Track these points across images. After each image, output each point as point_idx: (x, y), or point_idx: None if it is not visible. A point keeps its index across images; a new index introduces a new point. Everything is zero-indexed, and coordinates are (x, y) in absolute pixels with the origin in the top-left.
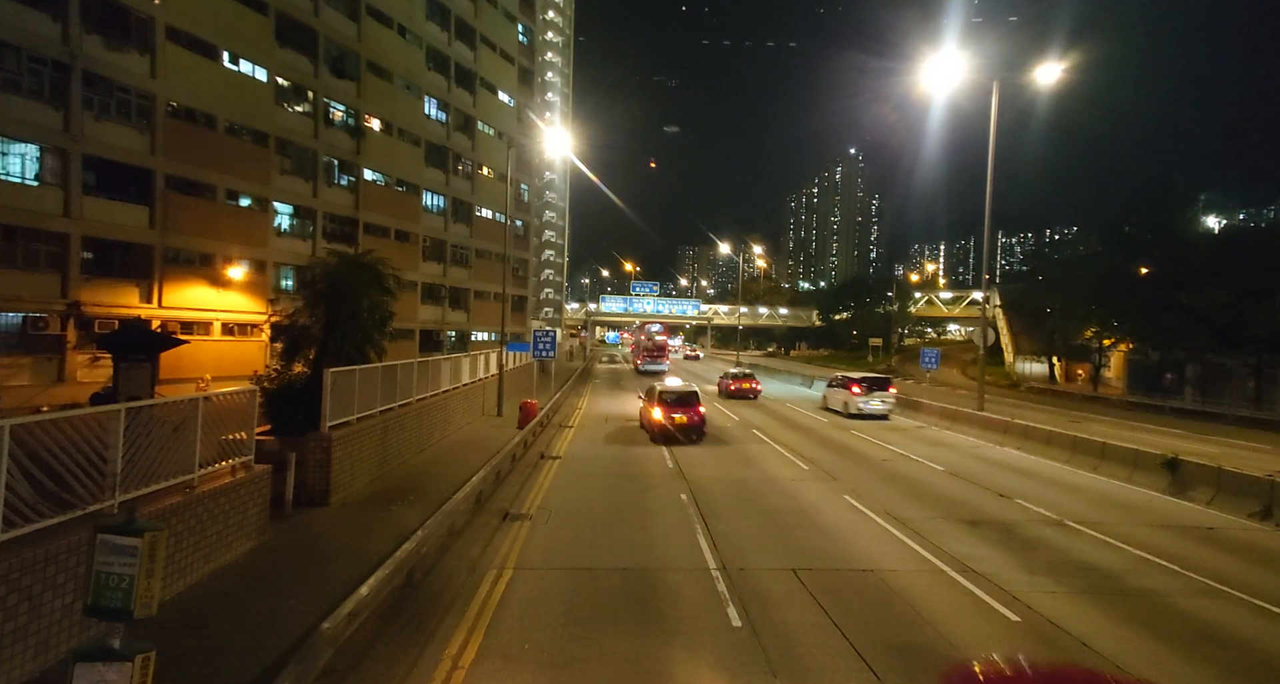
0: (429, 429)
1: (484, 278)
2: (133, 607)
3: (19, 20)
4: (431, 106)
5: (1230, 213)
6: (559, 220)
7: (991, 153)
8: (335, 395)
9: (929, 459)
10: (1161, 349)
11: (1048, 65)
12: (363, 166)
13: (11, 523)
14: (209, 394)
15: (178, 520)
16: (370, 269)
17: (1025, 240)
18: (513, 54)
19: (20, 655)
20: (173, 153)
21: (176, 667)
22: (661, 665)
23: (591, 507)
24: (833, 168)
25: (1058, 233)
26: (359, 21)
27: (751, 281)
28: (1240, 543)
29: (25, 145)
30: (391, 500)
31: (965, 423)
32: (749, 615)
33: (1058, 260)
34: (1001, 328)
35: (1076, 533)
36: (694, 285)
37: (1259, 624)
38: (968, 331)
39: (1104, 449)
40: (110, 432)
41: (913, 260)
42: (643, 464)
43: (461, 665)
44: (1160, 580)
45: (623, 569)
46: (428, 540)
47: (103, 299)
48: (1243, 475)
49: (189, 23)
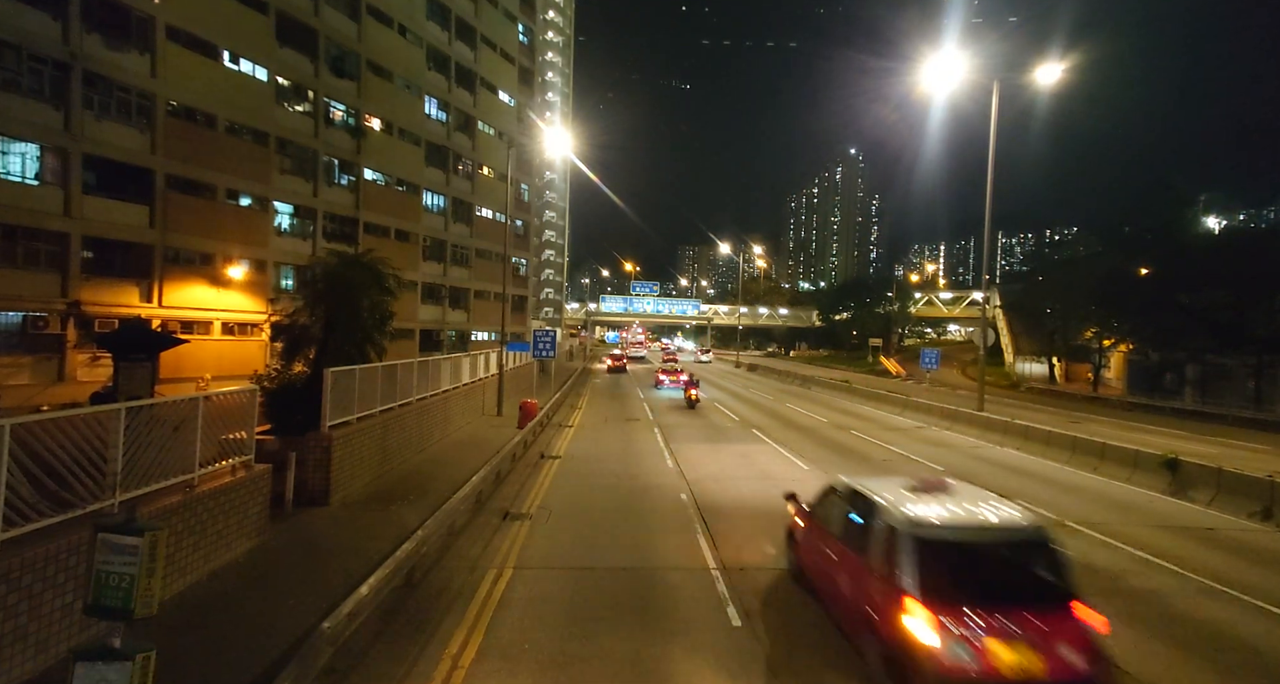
0: (429, 429)
1: (484, 277)
2: (133, 606)
3: (19, 19)
4: (432, 106)
5: (1230, 213)
6: (559, 220)
7: (992, 153)
8: (335, 395)
9: (929, 459)
10: (1161, 349)
11: (1048, 65)
12: (363, 166)
13: (12, 522)
14: (209, 393)
15: (178, 520)
16: (370, 269)
17: (1025, 241)
18: (513, 54)
19: (20, 655)
20: (173, 152)
21: (176, 666)
22: (661, 665)
23: (591, 506)
24: (833, 168)
25: (1058, 233)
26: (359, 21)
27: (751, 281)
28: (1240, 543)
29: (25, 145)
30: (391, 500)
31: (965, 423)
32: (749, 615)
33: (1058, 261)
34: (1001, 328)
35: (1077, 533)
36: (694, 285)
37: (1259, 624)
38: (968, 332)
39: (1104, 449)
40: (110, 431)
41: (913, 260)
42: (643, 463)
43: (461, 665)
44: (1160, 581)
45: (623, 569)
46: (428, 540)
47: (103, 298)
48: (1243, 476)
49: (189, 22)
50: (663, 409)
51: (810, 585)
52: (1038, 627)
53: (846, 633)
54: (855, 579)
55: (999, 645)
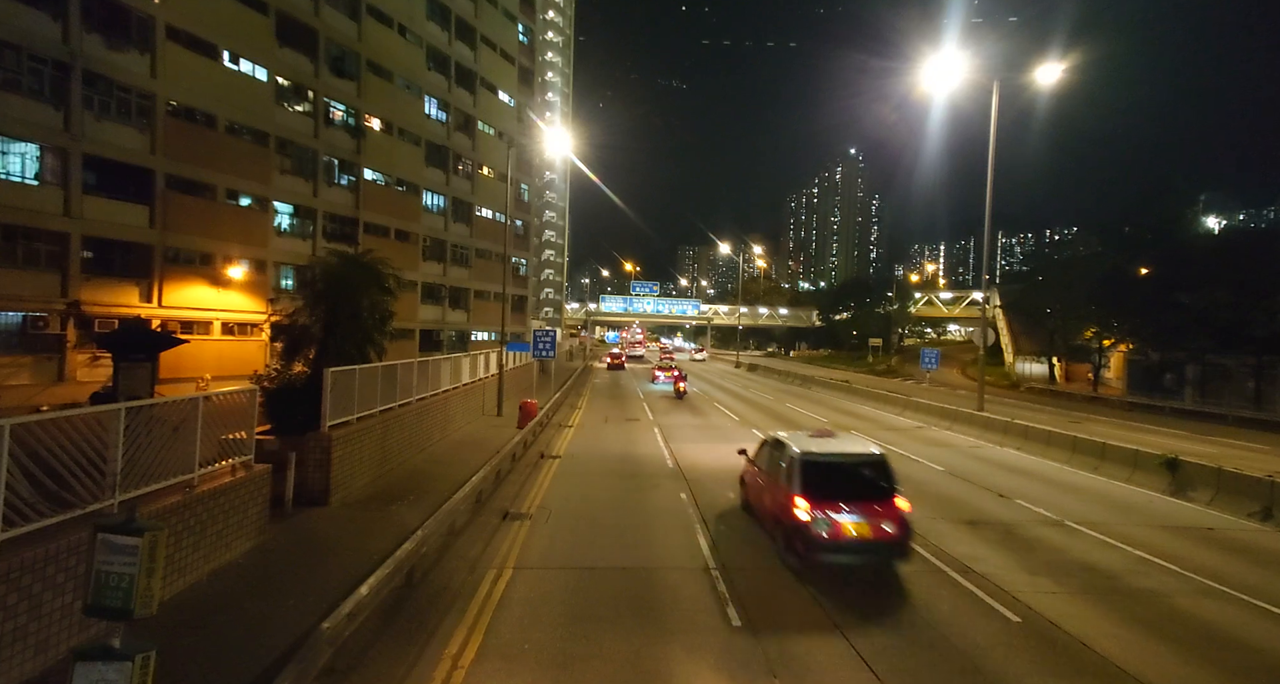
0: (429, 429)
1: (484, 277)
2: (133, 606)
3: (19, 19)
4: (432, 106)
5: (1230, 213)
6: (559, 220)
7: (992, 153)
8: (335, 395)
9: (929, 459)
10: (1161, 349)
11: (1048, 66)
12: (363, 166)
13: (11, 522)
14: (209, 393)
15: (178, 520)
16: (370, 269)
17: (1025, 241)
18: (513, 54)
19: (20, 655)
20: (173, 152)
21: (176, 666)
22: (661, 665)
23: (591, 506)
24: (833, 168)
25: (1058, 233)
26: (359, 21)
27: (751, 282)
28: (1240, 543)
29: (25, 145)
30: (391, 500)
31: (965, 423)
32: (749, 615)
33: (1057, 261)
34: (1001, 328)
35: (1077, 533)
36: (694, 285)
37: (1259, 624)
38: (968, 332)
39: (1104, 449)
40: (110, 431)
41: (913, 261)
42: (642, 463)
43: (461, 665)
44: (1160, 581)
45: (623, 568)
46: (428, 540)
47: (103, 298)
48: (1243, 476)
49: (189, 22)
50: (662, 409)
51: (749, 508)
52: (871, 509)
53: (767, 529)
54: (772, 493)
55: (845, 521)
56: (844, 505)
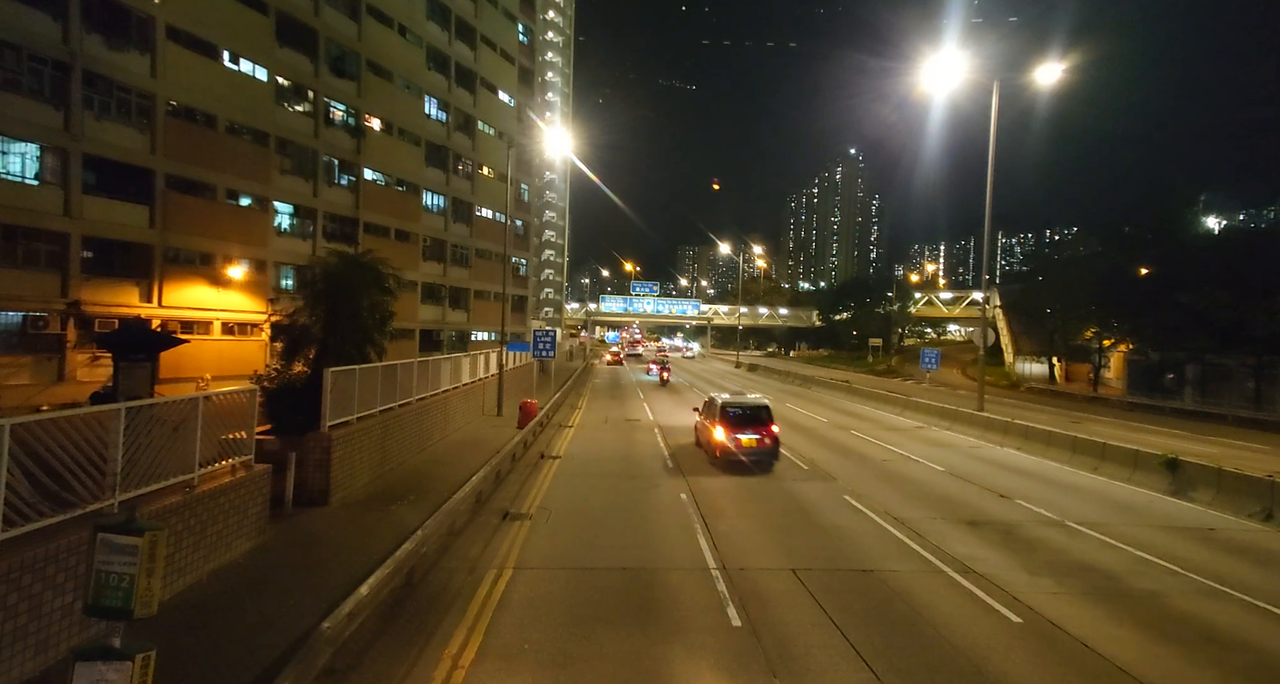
0: (429, 429)
1: (484, 278)
2: (133, 606)
3: (19, 19)
4: (432, 106)
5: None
6: (559, 220)
7: (992, 153)
8: (335, 395)
9: (929, 459)
10: (1161, 349)
11: (1048, 66)
12: (363, 166)
13: (12, 522)
14: (209, 393)
15: (178, 520)
16: (370, 269)
17: (1025, 241)
18: (513, 54)
19: (21, 655)
20: (173, 152)
21: (176, 667)
22: (661, 665)
23: (591, 506)
24: (833, 168)
25: (1058, 233)
26: (359, 21)
27: (751, 282)
28: (1241, 544)
29: (25, 144)
30: (391, 500)
31: (965, 423)
32: (749, 615)
33: (1058, 261)
34: (1001, 328)
35: (1077, 533)
36: (694, 285)
37: (1260, 625)
38: (968, 332)
39: (1104, 449)
40: (110, 431)
41: (913, 261)
42: (643, 464)
43: (461, 665)
44: (1161, 581)
45: (623, 569)
46: (428, 540)
47: (103, 298)
48: (1243, 476)
49: (189, 22)
50: (663, 410)
51: (698, 443)
52: (757, 430)
53: (705, 451)
54: (706, 428)
55: (742, 437)
56: (740, 429)
